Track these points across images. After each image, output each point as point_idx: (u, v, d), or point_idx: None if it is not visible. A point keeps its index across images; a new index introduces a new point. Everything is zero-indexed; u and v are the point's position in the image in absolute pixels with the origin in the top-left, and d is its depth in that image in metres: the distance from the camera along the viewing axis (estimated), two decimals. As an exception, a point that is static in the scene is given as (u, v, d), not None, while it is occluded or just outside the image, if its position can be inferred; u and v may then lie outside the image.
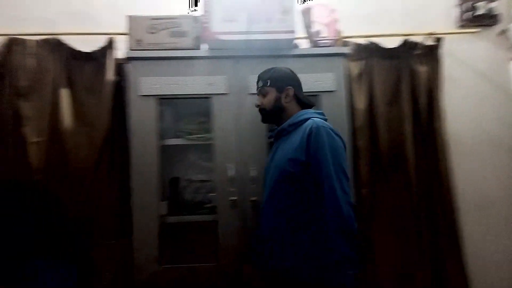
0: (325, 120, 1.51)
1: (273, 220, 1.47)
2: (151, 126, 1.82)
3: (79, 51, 2.07)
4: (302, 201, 1.39)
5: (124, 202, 1.96)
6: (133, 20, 1.83)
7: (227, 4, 1.75)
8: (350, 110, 2.08)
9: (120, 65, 2.08)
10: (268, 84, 1.56)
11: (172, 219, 1.89)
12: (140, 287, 1.74)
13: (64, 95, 2.03)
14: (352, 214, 1.31)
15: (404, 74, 2.21)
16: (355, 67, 2.19)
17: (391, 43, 2.22)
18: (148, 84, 1.82)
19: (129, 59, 1.85)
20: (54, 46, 2.05)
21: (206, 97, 1.86)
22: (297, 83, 1.60)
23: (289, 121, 1.52)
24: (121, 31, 1.98)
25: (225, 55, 1.85)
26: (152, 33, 1.81)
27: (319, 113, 1.54)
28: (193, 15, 1.87)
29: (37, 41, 2.06)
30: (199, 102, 1.93)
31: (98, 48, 2.06)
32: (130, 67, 1.86)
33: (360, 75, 2.19)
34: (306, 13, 2.01)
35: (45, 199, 1.90)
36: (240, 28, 1.73)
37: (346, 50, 1.99)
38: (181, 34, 1.81)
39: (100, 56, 2.06)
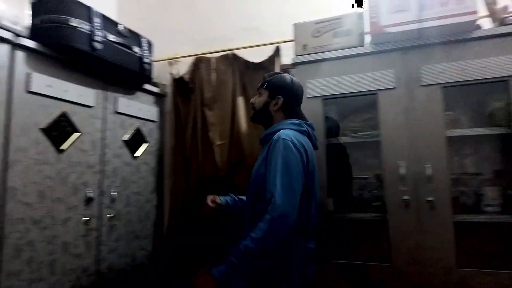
0: (302, 131, 1.46)
1: (246, 226, 1.46)
2: (318, 126, 1.89)
3: (251, 62, 2.32)
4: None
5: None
6: (298, 27, 1.95)
7: (395, -5, 1.69)
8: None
9: (286, 71, 2.24)
10: (265, 86, 1.57)
11: (340, 216, 1.92)
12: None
13: (240, 102, 2.32)
14: (277, 233, 1.22)
15: None
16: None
17: None
18: (314, 86, 1.91)
19: (295, 64, 1.97)
20: (231, 60, 2.37)
21: (372, 94, 1.83)
22: (292, 96, 1.55)
23: (267, 131, 1.52)
24: (287, 39, 2.13)
25: (393, 48, 1.79)
26: (317, 36, 1.88)
27: (295, 124, 1.47)
28: (357, 12, 1.87)
29: (217, 57, 2.42)
30: (362, 99, 1.92)
31: (266, 58, 2.27)
32: (296, 72, 1.98)
33: None
34: (488, -12, 1.77)
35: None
36: (411, 18, 1.64)
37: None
38: (345, 33, 1.84)
39: (269, 64, 2.27)
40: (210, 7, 2.65)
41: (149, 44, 2.25)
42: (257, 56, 2.31)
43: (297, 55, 1.96)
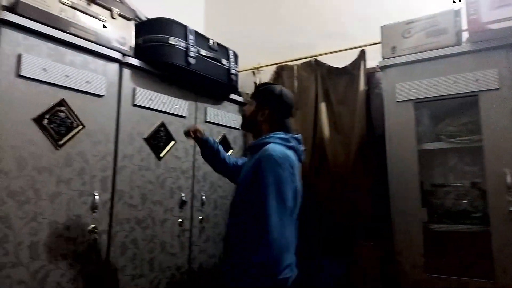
0: (289, 147, 1.41)
1: (229, 233, 1.47)
2: (409, 131, 1.81)
3: (334, 67, 2.30)
4: (247, 223, 1.33)
5: (379, 205, 2.03)
6: (386, 29, 1.89)
7: (497, -11, 1.55)
8: None
9: (370, 75, 2.18)
10: (255, 95, 1.57)
11: (434, 226, 1.81)
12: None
13: (323, 108, 2.30)
14: (279, 256, 1.23)
15: None
16: None
17: None
18: (404, 89, 1.82)
19: (383, 67, 1.91)
20: (313, 66, 2.37)
21: (472, 95, 1.69)
22: (280, 108, 1.51)
23: (254, 142, 1.50)
24: (371, 42, 2.08)
25: (496, 45, 1.64)
26: (407, 37, 1.80)
27: (282, 139, 1.42)
28: (453, 9, 1.75)
29: (300, 64, 2.44)
30: (459, 101, 1.79)
31: (350, 62, 2.23)
32: (383, 75, 1.91)
33: None
34: None
35: (315, 203, 2.19)
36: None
37: None
38: (440, 32, 1.73)
39: (352, 69, 2.22)
40: (291, 15, 2.69)
41: (235, 55, 2.36)
42: (341, 61, 2.28)
43: (385, 58, 1.89)
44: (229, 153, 2.49)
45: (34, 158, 1.44)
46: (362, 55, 2.18)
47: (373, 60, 2.16)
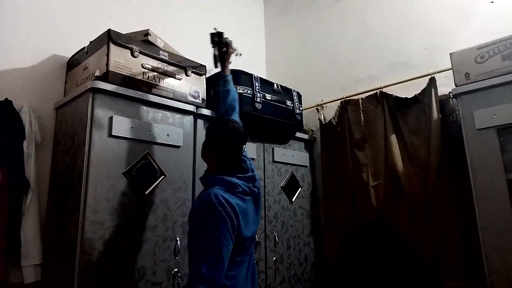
0: (233, 192, 1.35)
1: None
2: (495, 160, 1.68)
3: (402, 98, 2.24)
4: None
5: (468, 239, 1.87)
6: (456, 55, 1.82)
7: None
8: None
9: (443, 102, 2.09)
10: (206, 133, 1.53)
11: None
12: None
13: (393, 140, 2.23)
14: None
15: None
16: None
17: None
18: (484, 116, 1.71)
19: (457, 95, 1.82)
20: (379, 98, 2.33)
21: None
22: (224, 148, 1.43)
23: (202, 177, 1.48)
24: (439, 70, 2.01)
25: None
26: (481, 62, 1.72)
27: (229, 184, 1.36)
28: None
29: (365, 98, 2.42)
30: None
31: (419, 91, 2.16)
32: (459, 103, 1.82)
33: None
34: None
35: (393, 236, 2.08)
36: None
37: None
38: (518, 54, 1.63)
39: (422, 98, 2.14)
40: (351, 50, 2.71)
41: (299, 95, 2.42)
42: (408, 91, 2.22)
43: (458, 85, 1.81)
44: (298, 191, 2.49)
45: (124, 208, 1.58)
46: (432, 82, 2.10)
47: (443, 87, 2.07)
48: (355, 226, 2.37)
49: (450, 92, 1.93)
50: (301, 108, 2.41)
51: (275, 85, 2.23)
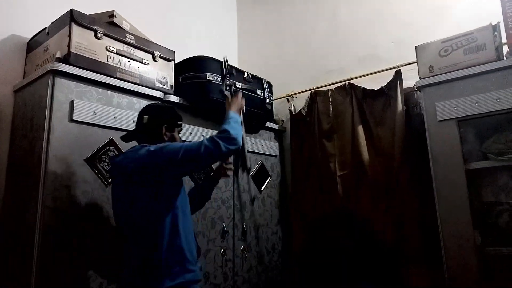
0: None
1: None
2: (454, 151, 1.75)
3: (369, 90, 2.28)
4: None
5: (427, 228, 1.95)
6: (421, 48, 1.87)
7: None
8: None
9: (408, 95, 2.15)
10: None
11: (489, 250, 1.70)
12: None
13: (360, 131, 2.27)
14: None
15: None
16: None
17: None
18: (445, 108, 1.78)
19: (421, 87, 1.88)
20: (347, 90, 2.37)
21: (519, 111, 1.62)
22: None
23: None
24: (406, 63, 2.07)
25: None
26: (444, 56, 1.77)
27: None
28: (490, 24, 1.71)
29: (334, 89, 2.45)
30: (505, 117, 1.71)
31: (386, 84, 2.21)
32: (422, 95, 1.88)
33: None
34: None
35: (357, 226, 2.14)
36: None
37: None
38: (479, 48, 1.69)
39: (388, 90, 2.20)
40: (323, 42, 2.73)
41: (270, 85, 2.41)
42: (376, 84, 2.27)
43: (422, 78, 1.87)
44: (267, 180, 2.51)
45: (87, 196, 1.53)
46: (397, 75, 2.16)
47: (409, 80, 2.13)
48: (321, 214, 2.41)
49: (414, 84, 1.98)
50: (271, 98, 2.41)
51: (245, 73, 2.22)
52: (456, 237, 1.72)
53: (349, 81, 2.38)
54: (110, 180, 1.59)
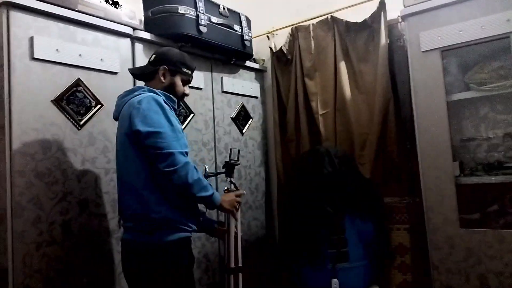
0: None
1: None
2: (436, 82, 1.72)
3: (352, 23, 2.17)
4: None
5: (410, 161, 1.98)
6: (406, -26, 1.76)
7: None
8: None
9: (392, 27, 2.06)
10: None
11: (466, 180, 1.74)
12: (436, 248, 1.72)
13: (342, 68, 2.20)
14: None
15: None
16: None
17: None
18: (429, 38, 1.71)
19: (405, 17, 1.79)
20: (330, 24, 2.25)
21: (503, 38, 1.57)
22: None
23: None
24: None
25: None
26: (429, -19, 1.67)
27: None
28: None
29: (315, 23, 2.33)
30: (489, 46, 1.67)
31: (369, 15, 2.10)
32: (406, 26, 1.80)
33: None
34: None
35: (338, 160, 2.13)
36: None
37: None
38: (465, -29, 1.60)
39: (372, 22, 2.10)
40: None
41: (248, 20, 2.27)
42: (360, 16, 2.15)
43: (406, 6, 1.78)
44: (249, 122, 2.46)
45: (57, 139, 1.47)
46: (381, 6, 2.04)
47: (393, 11, 2.03)
48: (303, 152, 2.40)
49: (399, 16, 1.89)
50: (250, 35, 2.28)
51: (221, 6, 2.07)
52: (435, 169, 1.74)
53: (332, 14, 2.26)
54: (82, 122, 1.52)
